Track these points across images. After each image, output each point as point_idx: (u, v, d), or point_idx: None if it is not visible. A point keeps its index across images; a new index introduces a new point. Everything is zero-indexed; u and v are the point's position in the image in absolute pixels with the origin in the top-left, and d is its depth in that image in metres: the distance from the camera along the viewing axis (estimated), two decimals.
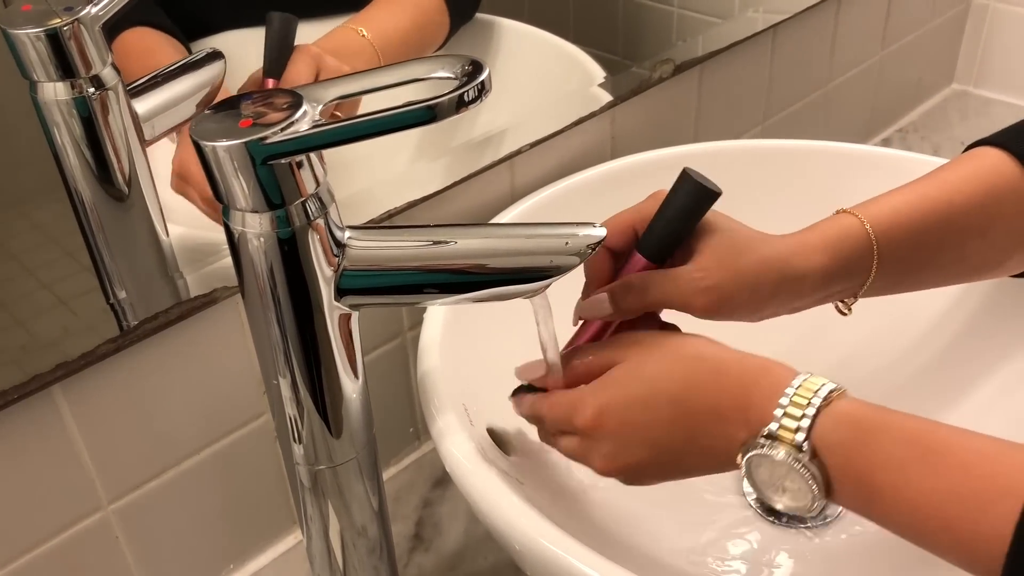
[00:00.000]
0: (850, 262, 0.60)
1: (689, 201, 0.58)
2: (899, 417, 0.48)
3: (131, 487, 0.65)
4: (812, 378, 0.50)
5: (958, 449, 0.46)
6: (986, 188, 0.62)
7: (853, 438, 0.48)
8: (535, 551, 0.51)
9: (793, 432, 0.49)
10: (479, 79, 0.42)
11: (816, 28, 1.08)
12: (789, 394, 0.50)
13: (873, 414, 0.49)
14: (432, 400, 0.60)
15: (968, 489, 0.45)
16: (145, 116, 0.59)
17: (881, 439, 0.47)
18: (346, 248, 0.47)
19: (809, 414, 0.49)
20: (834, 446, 0.48)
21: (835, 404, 0.49)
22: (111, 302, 0.61)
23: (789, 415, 0.49)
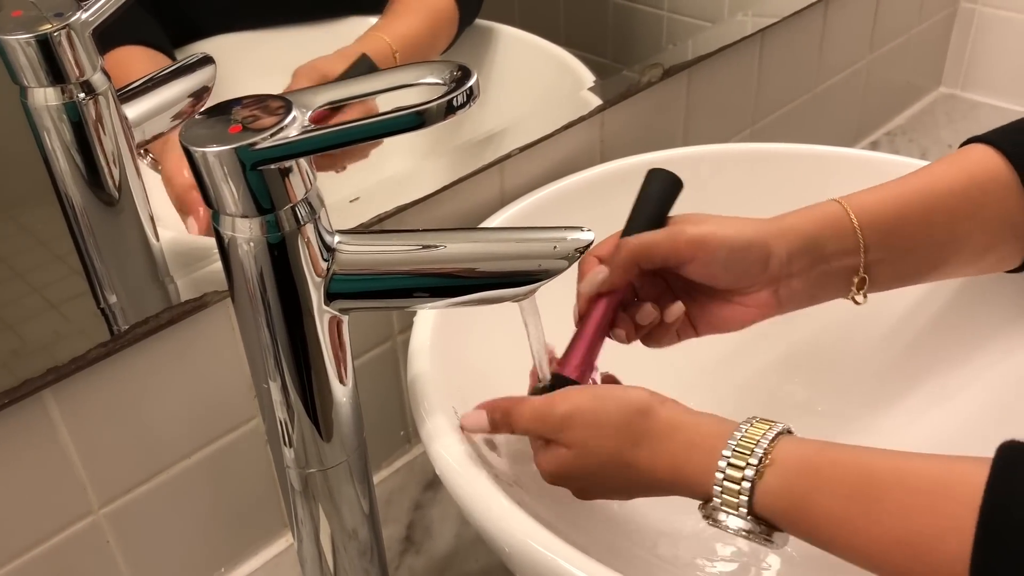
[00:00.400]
0: (833, 237, 0.63)
1: (661, 189, 0.65)
2: (837, 460, 0.49)
3: (122, 491, 0.65)
4: (746, 436, 0.52)
5: (898, 491, 0.47)
6: (968, 176, 0.64)
7: (794, 502, 0.50)
8: (525, 553, 0.52)
9: (735, 507, 0.51)
10: (467, 85, 0.42)
11: (804, 32, 1.09)
12: (723, 467, 0.51)
13: (810, 466, 0.50)
14: (422, 403, 0.60)
15: (913, 533, 0.45)
16: (135, 121, 0.60)
17: (821, 496, 0.49)
18: (335, 252, 0.47)
19: (745, 488, 0.50)
20: (777, 511, 0.50)
21: (772, 465, 0.50)
22: (102, 306, 0.61)
23: (727, 491, 0.51)
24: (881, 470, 0.48)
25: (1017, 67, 1.34)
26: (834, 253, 0.63)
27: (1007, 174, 0.63)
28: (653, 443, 0.54)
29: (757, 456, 0.50)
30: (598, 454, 0.55)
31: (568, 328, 0.63)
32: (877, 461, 0.48)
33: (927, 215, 0.64)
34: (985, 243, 0.66)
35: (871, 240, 0.63)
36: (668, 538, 0.70)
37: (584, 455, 0.56)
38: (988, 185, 0.63)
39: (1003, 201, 0.63)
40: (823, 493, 0.48)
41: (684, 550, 0.70)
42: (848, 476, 0.48)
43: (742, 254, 0.61)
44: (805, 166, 0.86)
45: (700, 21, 1.01)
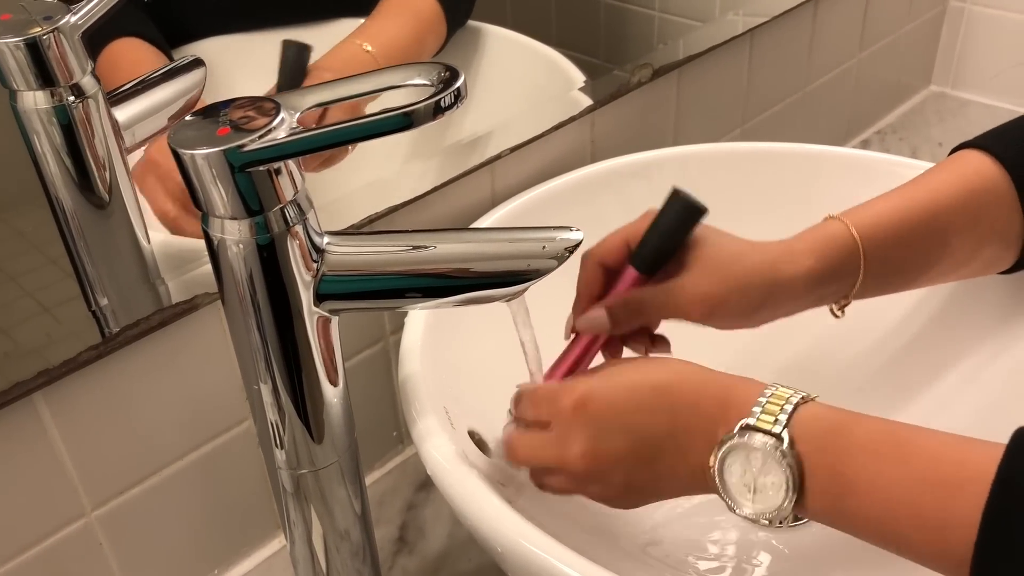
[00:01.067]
0: (837, 264, 0.62)
1: (679, 217, 0.61)
2: (869, 417, 0.50)
3: (114, 493, 0.65)
4: (782, 387, 0.52)
5: (927, 441, 0.48)
6: (967, 189, 0.64)
7: (828, 429, 0.50)
8: (517, 553, 0.52)
9: (771, 423, 0.50)
10: (455, 86, 0.42)
11: (794, 31, 1.09)
12: (767, 395, 0.51)
13: (844, 415, 0.50)
14: (413, 404, 0.60)
15: (937, 476, 0.46)
16: (125, 124, 0.60)
17: (855, 431, 0.49)
18: (325, 253, 0.47)
19: (787, 409, 0.50)
20: (810, 436, 0.49)
21: (809, 404, 0.51)
22: (93, 309, 0.61)
23: (767, 411, 0.51)
24: (914, 429, 0.49)
25: (1006, 65, 1.34)
26: (833, 280, 0.63)
27: (1003, 183, 0.63)
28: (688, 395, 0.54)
29: (799, 395, 0.51)
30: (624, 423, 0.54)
31: (559, 326, 0.63)
32: (910, 425, 0.49)
33: (928, 233, 0.64)
34: (977, 251, 0.66)
35: (871, 263, 0.63)
36: (660, 536, 0.71)
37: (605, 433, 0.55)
38: (985, 196, 0.64)
39: (998, 210, 0.64)
40: (860, 428, 0.49)
41: (676, 549, 0.70)
42: (884, 424, 0.49)
43: (752, 315, 0.61)
44: (796, 165, 0.87)
45: (691, 21, 1.01)
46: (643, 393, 0.55)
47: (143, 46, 0.68)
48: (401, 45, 0.80)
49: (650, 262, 0.62)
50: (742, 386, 0.53)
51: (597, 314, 0.61)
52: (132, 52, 0.66)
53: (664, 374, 0.55)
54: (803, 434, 0.50)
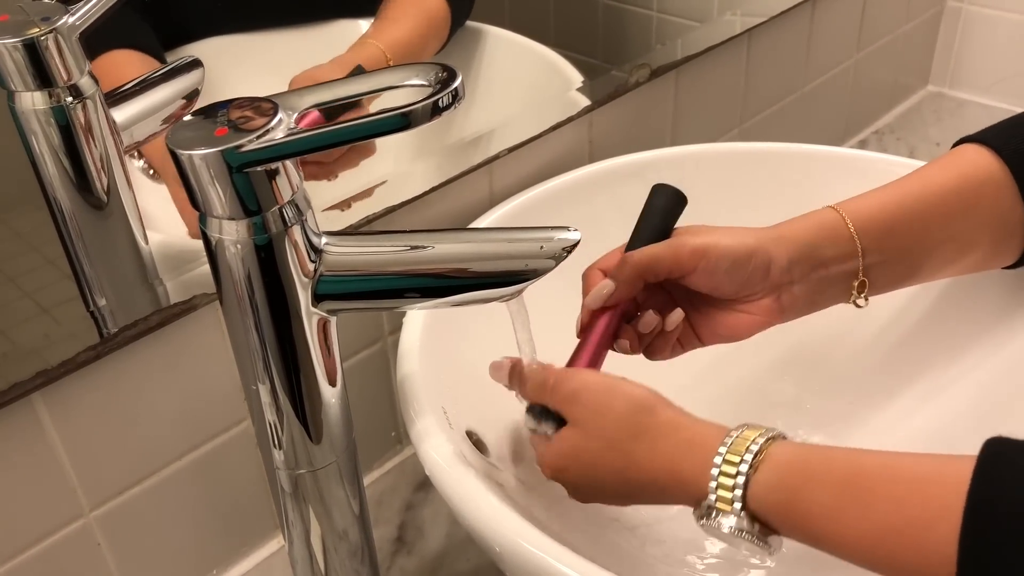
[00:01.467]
0: (825, 243, 0.64)
1: (664, 205, 0.65)
2: (828, 457, 0.50)
3: (113, 494, 0.65)
4: (740, 437, 0.52)
5: (888, 482, 0.47)
6: (961, 175, 0.65)
7: (785, 498, 0.50)
8: (515, 553, 0.52)
9: (730, 503, 0.51)
10: (452, 86, 0.42)
11: (791, 31, 1.09)
12: (718, 463, 0.52)
13: (801, 462, 0.50)
14: (412, 404, 0.61)
15: (903, 521, 0.46)
16: (124, 124, 0.60)
17: (812, 489, 0.49)
18: (323, 254, 0.48)
19: (740, 482, 0.51)
20: (771, 506, 0.50)
21: (765, 461, 0.51)
22: (91, 310, 0.61)
23: (722, 486, 0.51)
24: (871, 465, 0.49)
25: (1004, 65, 1.34)
26: (832, 258, 0.64)
27: (1000, 172, 0.64)
28: (652, 439, 0.55)
29: (752, 452, 0.51)
30: (598, 438, 0.56)
31: (556, 327, 0.63)
32: (867, 458, 0.49)
33: (922, 216, 0.64)
34: (981, 241, 0.66)
35: (868, 244, 0.64)
36: (658, 536, 0.71)
37: (584, 437, 0.56)
38: (982, 184, 0.64)
39: (997, 199, 0.64)
40: (815, 484, 0.49)
41: (674, 548, 0.70)
42: (839, 469, 0.49)
43: (744, 262, 0.62)
44: (793, 165, 0.87)
45: (689, 21, 1.01)
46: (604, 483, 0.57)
47: (138, 57, 0.68)
48: (412, 47, 0.80)
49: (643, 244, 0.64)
50: (693, 455, 0.53)
51: (600, 284, 0.63)
52: (126, 65, 0.66)
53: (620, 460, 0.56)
54: (763, 507, 0.51)
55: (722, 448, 0.52)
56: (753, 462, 0.51)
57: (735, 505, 0.51)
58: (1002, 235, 0.66)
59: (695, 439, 0.54)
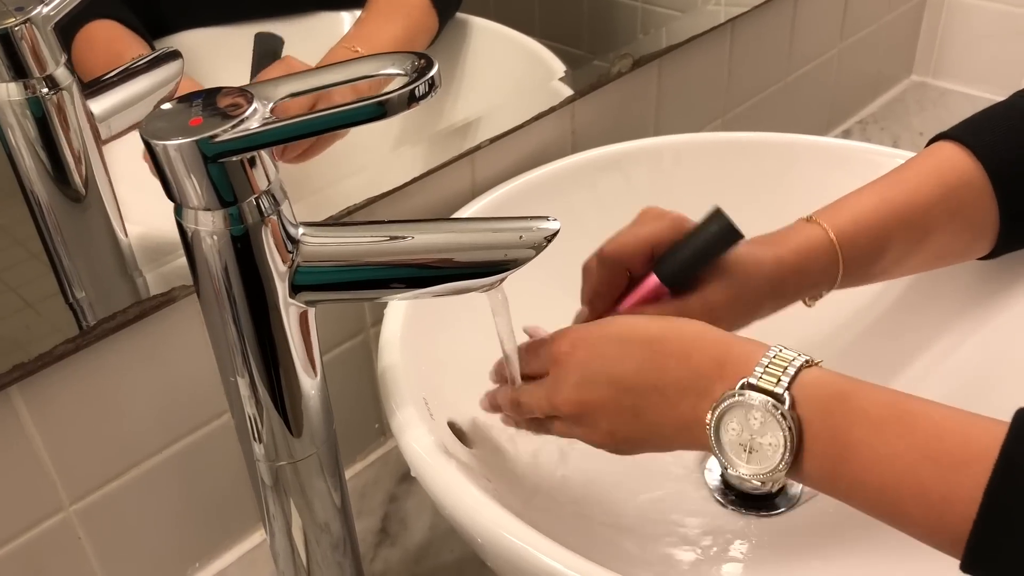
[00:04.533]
0: (818, 273, 0.64)
1: (716, 238, 0.61)
2: (875, 386, 0.49)
3: (93, 487, 0.65)
4: (787, 349, 0.51)
5: (933, 414, 0.46)
6: (945, 185, 0.65)
7: (832, 395, 0.48)
8: (497, 543, 0.52)
9: (774, 383, 0.49)
10: (429, 75, 0.42)
11: (774, 21, 1.09)
12: (770, 355, 0.50)
13: (850, 381, 0.49)
14: (393, 395, 0.60)
15: (941, 451, 0.45)
16: (101, 116, 0.59)
17: (859, 399, 0.48)
18: (300, 244, 0.47)
19: (790, 372, 0.49)
20: (813, 400, 0.48)
21: (814, 368, 0.50)
22: (70, 302, 0.61)
23: (769, 371, 0.49)
24: (920, 401, 0.47)
25: (987, 54, 1.35)
26: (812, 285, 0.65)
27: (978, 176, 0.64)
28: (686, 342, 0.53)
29: (803, 358, 0.50)
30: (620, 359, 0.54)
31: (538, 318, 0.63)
32: (915, 396, 0.48)
33: (906, 233, 0.65)
34: (953, 245, 0.67)
35: (848, 266, 0.64)
36: (640, 525, 0.71)
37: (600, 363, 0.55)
38: (962, 191, 0.65)
39: (975, 205, 0.65)
40: (862, 397, 0.48)
41: (657, 540, 0.70)
42: (889, 394, 0.48)
43: (744, 319, 0.63)
44: (776, 155, 0.87)
45: (674, 11, 1.01)
46: (632, 345, 0.54)
47: (120, 28, 0.67)
48: (392, 47, 0.79)
49: (679, 278, 0.62)
50: (743, 345, 0.52)
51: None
52: (108, 33, 0.66)
53: (657, 327, 0.54)
54: (806, 397, 0.48)
55: (773, 348, 0.50)
56: (806, 361, 0.49)
57: (782, 381, 0.48)
58: (978, 234, 0.67)
59: (733, 345, 0.52)
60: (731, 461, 0.51)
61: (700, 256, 0.61)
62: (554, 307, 0.66)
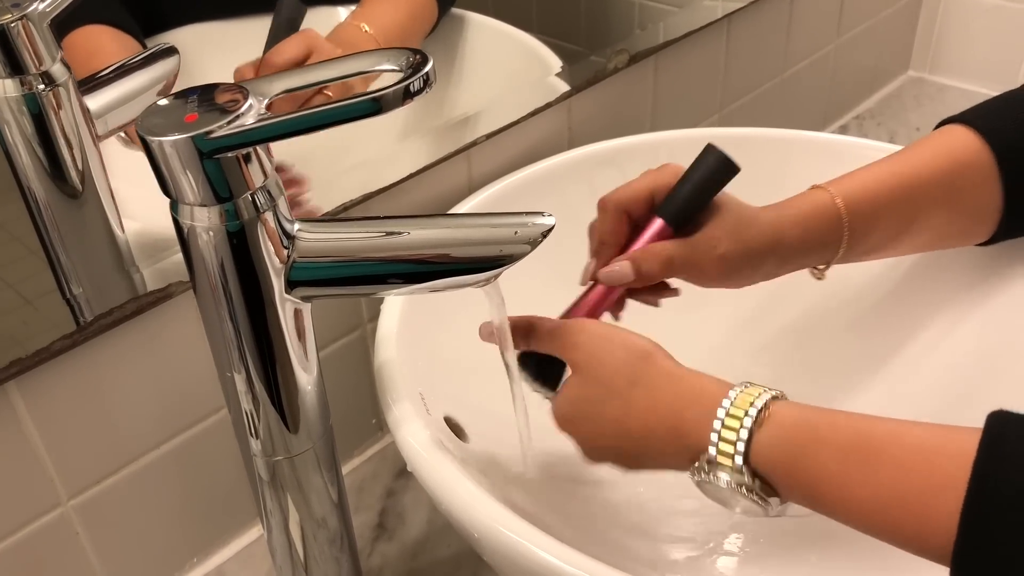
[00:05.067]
0: (822, 235, 0.64)
1: (713, 172, 0.63)
2: (834, 421, 0.49)
3: (90, 483, 0.65)
4: (744, 392, 0.51)
5: (895, 449, 0.46)
6: (950, 162, 0.65)
7: (790, 455, 0.49)
8: (493, 537, 0.52)
9: (731, 457, 0.50)
10: (424, 71, 0.42)
11: (771, 17, 1.09)
12: (721, 416, 0.51)
13: (807, 423, 0.49)
14: (389, 390, 0.60)
15: (908, 489, 0.45)
16: (97, 112, 0.59)
17: (818, 451, 0.48)
18: (296, 240, 0.47)
19: (743, 436, 0.49)
20: (774, 464, 0.49)
21: (769, 418, 0.50)
22: (67, 298, 0.61)
23: (724, 439, 0.50)
24: (878, 431, 0.48)
25: (984, 50, 1.35)
26: (818, 247, 0.65)
27: (985, 156, 0.65)
28: (650, 388, 0.54)
29: (756, 408, 0.50)
30: (597, 384, 0.56)
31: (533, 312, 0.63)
32: (873, 423, 0.48)
33: (909, 205, 0.65)
34: (960, 225, 0.67)
35: (853, 231, 0.65)
36: (636, 519, 0.71)
37: (584, 383, 0.56)
38: (967, 171, 0.65)
39: (980, 186, 0.65)
40: (820, 447, 0.48)
41: (652, 532, 0.70)
42: (845, 434, 0.48)
43: (751, 270, 0.64)
44: (773, 150, 0.87)
45: (671, 7, 1.01)
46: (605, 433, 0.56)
47: (112, 33, 0.67)
48: (398, 26, 0.80)
49: (680, 215, 0.63)
50: (696, 406, 0.52)
51: (621, 266, 0.62)
52: (90, 41, 0.66)
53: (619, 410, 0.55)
54: (766, 463, 0.49)
55: (725, 401, 0.51)
56: (757, 418, 0.49)
57: (736, 460, 0.49)
58: (981, 218, 0.67)
59: (695, 391, 0.53)
60: (727, 505, 0.53)
61: (699, 192, 0.63)
62: (550, 302, 0.66)
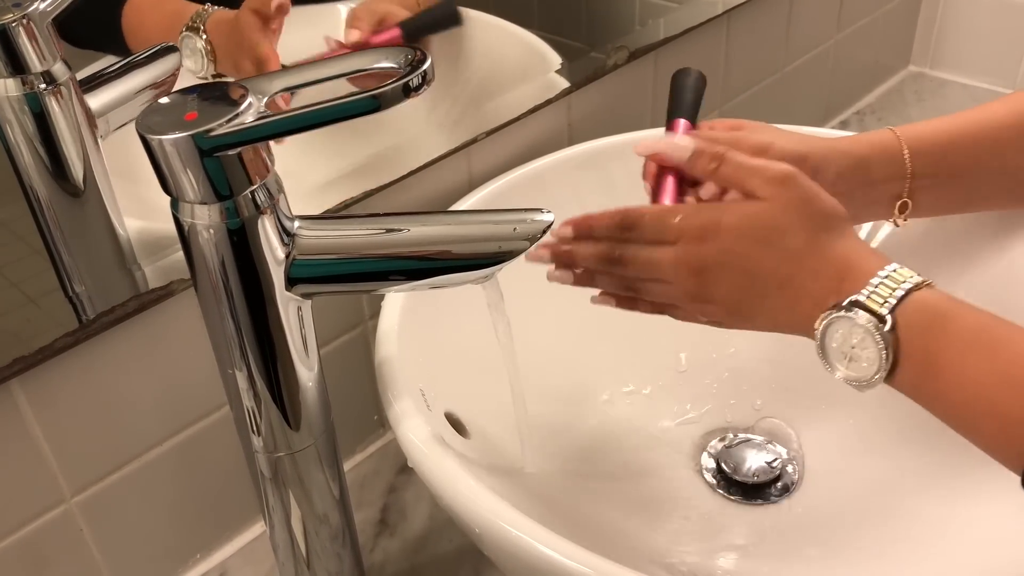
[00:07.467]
0: (878, 155, 0.66)
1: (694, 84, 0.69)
2: (973, 310, 0.52)
3: (94, 480, 0.65)
4: (903, 269, 0.54)
5: (1018, 343, 0.50)
6: (1020, 110, 0.66)
7: (930, 321, 0.52)
8: (494, 533, 0.52)
9: (880, 303, 0.52)
10: (422, 68, 0.43)
11: (771, 12, 1.09)
12: (882, 275, 0.53)
13: (951, 305, 0.52)
14: (390, 387, 0.61)
15: (1019, 378, 0.48)
16: (99, 111, 0.60)
17: (954, 325, 0.51)
18: (295, 237, 0.48)
19: (897, 294, 0.52)
20: (912, 324, 0.52)
21: (921, 291, 0.53)
22: (70, 296, 0.61)
23: (879, 291, 0.53)
24: (1009, 328, 0.51)
25: (985, 45, 1.35)
26: (881, 178, 0.66)
27: None
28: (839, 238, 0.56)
29: (914, 281, 0.53)
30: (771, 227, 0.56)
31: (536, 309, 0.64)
32: (1008, 323, 0.51)
33: (975, 144, 0.66)
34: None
35: (918, 167, 0.66)
36: (637, 515, 0.71)
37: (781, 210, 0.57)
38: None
39: None
40: (960, 323, 0.51)
41: (654, 529, 0.71)
42: (983, 320, 0.51)
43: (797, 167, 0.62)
44: None
45: (671, 3, 1.01)
46: (773, 246, 0.57)
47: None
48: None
49: (689, 113, 0.67)
50: (863, 261, 0.55)
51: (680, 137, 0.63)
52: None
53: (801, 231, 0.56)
54: (906, 320, 0.52)
55: (889, 266, 0.54)
56: (915, 285, 0.52)
57: (884, 308, 0.52)
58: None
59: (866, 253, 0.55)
60: (832, 364, 0.55)
61: (690, 93, 0.68)
62: (550, 298, 0.66)
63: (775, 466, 0.74)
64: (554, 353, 0.75)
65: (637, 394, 0.79)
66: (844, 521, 0.69)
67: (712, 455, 0.76)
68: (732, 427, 0.78)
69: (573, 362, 0.77)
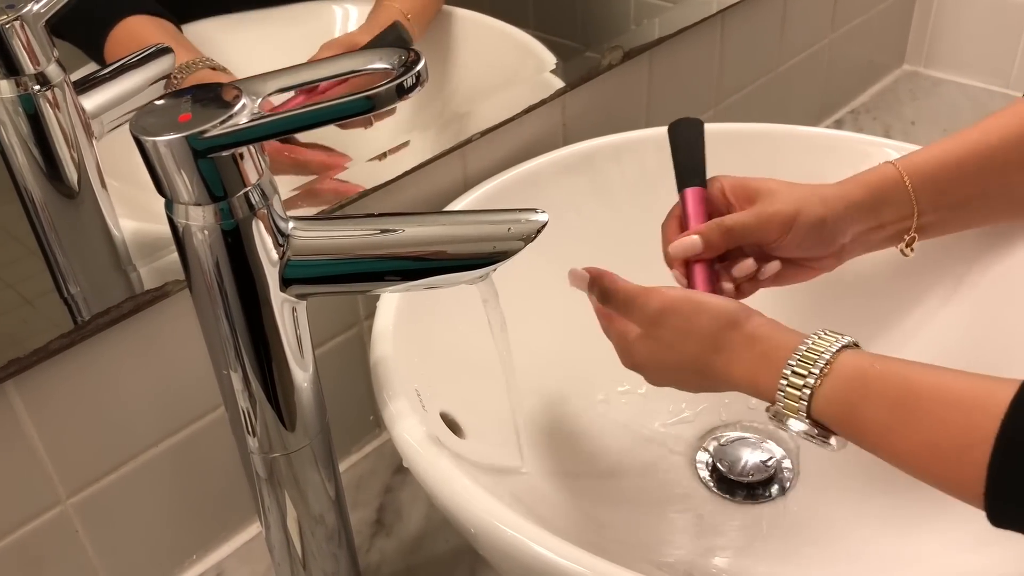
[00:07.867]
0: (880, 193, 0.67)
1: (688, 134, 0.71)
2: (883, 375, 0.53)
3: (89, 481, 0.65)
4: (813, 347, 0.55)
5: (933, 403, 0.50)
6: (1020, 123, 0.66)
7: (844, 412, 0.54)
8: (489, 533, 0.52)
9: (796, 412, 0.55)
10: (416, 68, 0.43)
11: (765, 11, 1.09)
12: (787, 374, 0.55)
13: (862, 378, 0.53)
14: (385, 387, 0.61)
15: (945, 442, 0.49)
16: (93, 113, 0.60)
17: (867, 407, 0.53)
18: (290, 238, 0.48)
19: (805, 395, 0.54)
20: (831, 418, 0.54)
21: (831, 373, 0.54)
22: (65, 297, 0.61)
23: (790, 397, 0.55)
24: (921, 384, 0.51)
25: (979, 44, 1.35)
26: (891, 220, 0.68)
27: None
28: (733, 353, 0.58)
29: (819, 367, 0.54)
30: (681, 353, 0.60)
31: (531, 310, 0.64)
32: (919, 375, 0.52)
33: (980, 169, 0.67)
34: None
35: (924, 204, 0.67)
36: (632, 514, 0.71)
37: (666, 352, 0.60)
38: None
39: None
40: (870, 402, 0.52)
41: (650, 528, 0.71)
42: (892, 388, 0.52)
43: (817, 233, 0.66)
44: (769, 145, 0.87)
45: (666, 2, 1.01)
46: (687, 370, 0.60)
47: (155, 22, 0.68)
48: (427, 6, 0.82)
49: (698, 174, 0.69)
50: (766, 371, 0.57)
51: (690, 239, 0.66)
52: (143, 29, 0.67)
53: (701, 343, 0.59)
54: (825, 416, 0.54)
55: (791, 361, 0.55)
56: (819, 376, 0.54)
57: (800, 414, 0.55)
58: None
59: (769, 352, 0.57)
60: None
61: (694, 150, 0.70)
62: (545, 298, 0.66)
63: (770, 465, 0.75)
64: (549, 353, 0.75)
65: (632, 393, 0.79)
66: (839, 519, 0.70)
67: (707, 454, 0.76)
68: (727, 426, 0.78)
69: (568, 362, 0.77)
